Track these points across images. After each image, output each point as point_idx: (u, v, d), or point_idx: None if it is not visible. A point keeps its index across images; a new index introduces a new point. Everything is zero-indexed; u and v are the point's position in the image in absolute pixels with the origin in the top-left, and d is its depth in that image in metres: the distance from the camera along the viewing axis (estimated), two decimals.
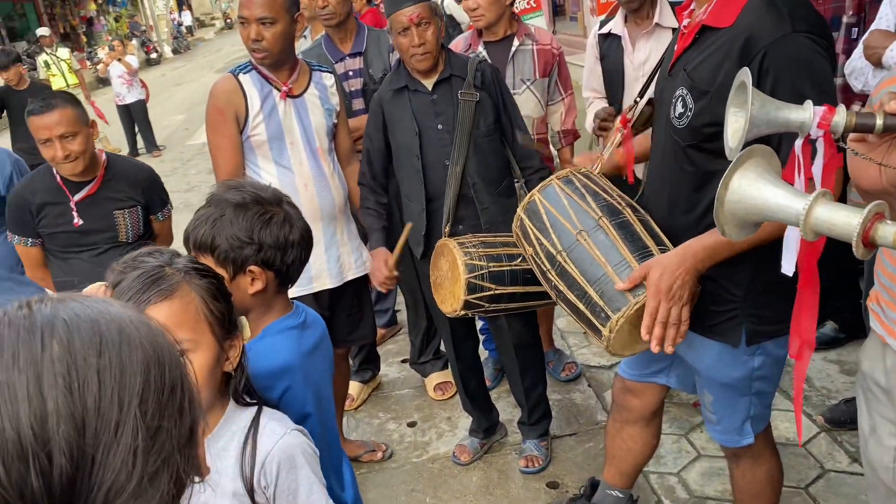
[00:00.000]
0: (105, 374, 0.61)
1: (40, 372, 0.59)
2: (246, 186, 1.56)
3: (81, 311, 0.65)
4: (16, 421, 0.57)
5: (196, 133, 11.69)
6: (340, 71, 2.92)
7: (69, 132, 2.41)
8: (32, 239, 2.60)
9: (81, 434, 0.58)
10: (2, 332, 0.61)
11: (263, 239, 1.47)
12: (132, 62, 10.15)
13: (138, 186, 2.63)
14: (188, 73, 21.57)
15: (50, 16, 24.38)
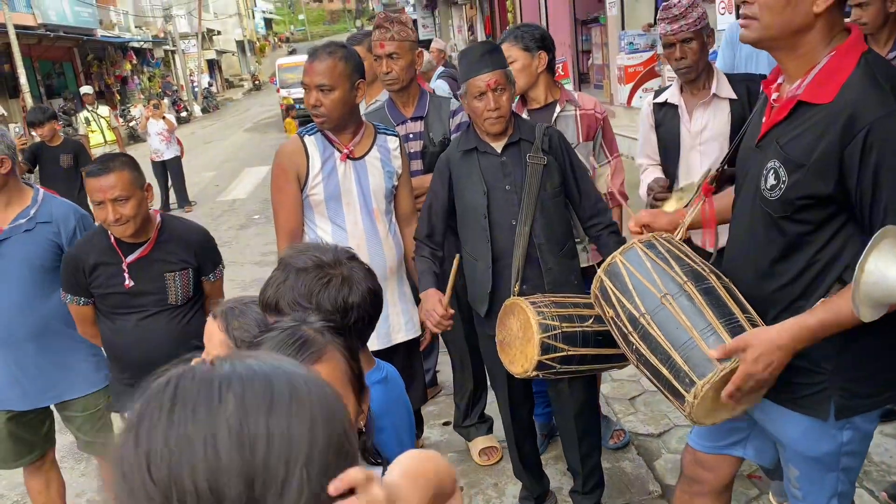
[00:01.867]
0: (274, 431, 0.62)
1: (216, 426, 0.61)
2: (310, 250, 1.60)
3: (257, 368, 0.67)
4: (193, 474, 0.59)
5: (226, 190, 11.92)
6: (401, 133, 2.99)
7: (123, 196, 2.38)
8: (85, 298, 2.56)
9: (251, 489, 0.60)
10: (187, 385, 0.64)
11: (322, 302, 1.48)
12: (172, 121, 10.42)
13: (191, 249, 2.60)
14: (217, 131, 22.10)
15: (87, 74, 25.21)
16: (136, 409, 0.63)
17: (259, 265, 7.29)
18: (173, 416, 0.61)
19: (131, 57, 28.39)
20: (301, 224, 2.60)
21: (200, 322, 2.68)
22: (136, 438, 0.61)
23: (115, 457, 0.62)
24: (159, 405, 0.62)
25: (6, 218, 2.71)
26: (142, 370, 2.50)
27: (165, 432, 0.60)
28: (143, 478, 0.59)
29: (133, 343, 2.53)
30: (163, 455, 0.59)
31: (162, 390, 0.63)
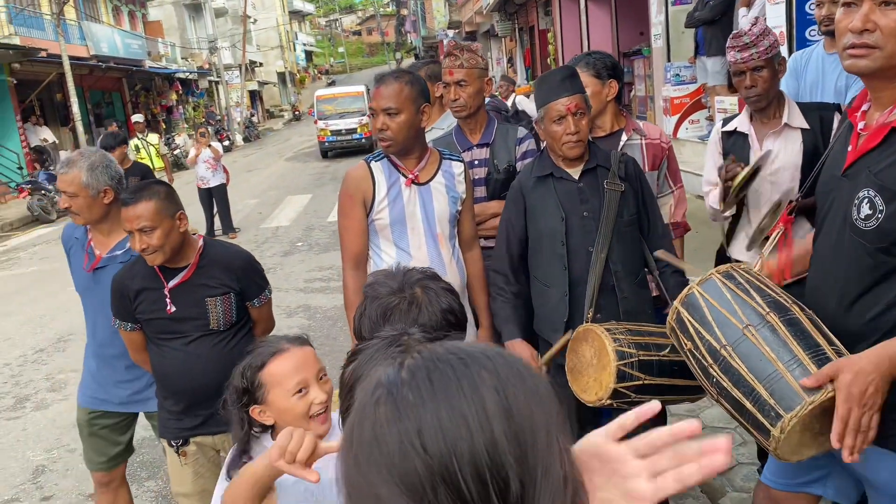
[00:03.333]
0: (530, 399, 0.65)
1: (482, 398, 0.63)
2: (382, 276, 1.62)
3: (489, 349, 0.70)
4: (471, 446, 0.61)
5: (269, 217, 12.09)
6: (466, 159, 3.01)
7: (148, 226, 2.35)
8: (132, 324, 2.56)
9: (525, 456, 0.62)
10: (441, 367, 0.66)
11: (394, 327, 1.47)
12: (219, 149, 10.64)
13: (233, 273, 2.53)
14: (259, 160, 22.49)
15: (135, 104, 25.97)
16: (380, 394, 0.65)
17: (304, 291, 7.36)
18: (439, 395, 0.63)
19: (177, 87, 29.19)
20: (366, 248, 2.62)
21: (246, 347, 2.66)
22: (400, 419, 0.62)
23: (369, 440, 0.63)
24: (417, 386, 0.64)
25: (107, 245, 2.79)
26: (187, 395, 2.52)
27: (435, 410, 0.62)
28: (416, 454, 0.61)
29: (178, 368, 2.50)
30: (437, 431, 0.61)
31: (414, 372, 0.65)
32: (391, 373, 0.67)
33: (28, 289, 8.80)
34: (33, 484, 4.01)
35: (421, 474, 0.61)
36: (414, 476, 0.61)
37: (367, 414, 0.65)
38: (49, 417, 4.91)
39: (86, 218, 2.77)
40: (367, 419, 0.65)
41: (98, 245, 2.80)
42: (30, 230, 13.69)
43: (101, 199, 2.72)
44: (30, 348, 6.44)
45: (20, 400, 5.28)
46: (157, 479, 3.87)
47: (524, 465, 0.62)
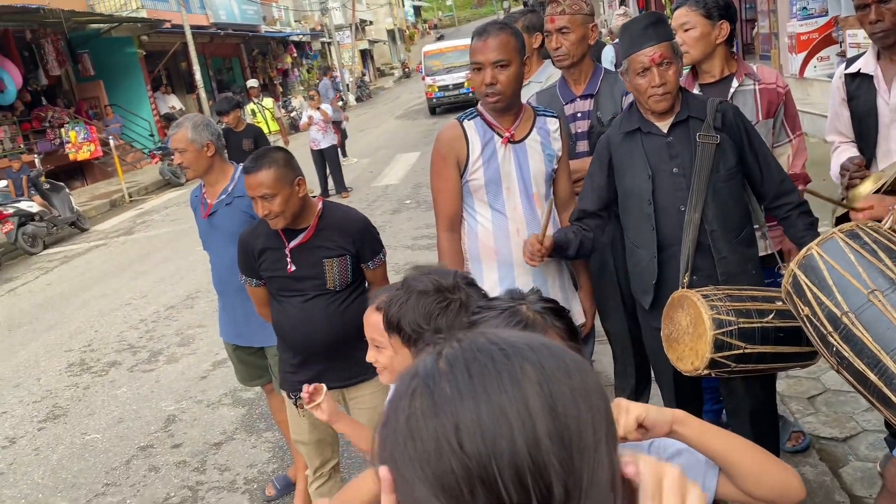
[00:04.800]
0: (577, 395, 0.60)
1: (525, 393, 0.58)
2: (431, 273, 1.60)
3: (533, 339, 0.65)
4: (512, 445, 0.56)
5: (379, 176, 12.30)
6: (569, 112, 2.87)
7: (269, 193, 2.46)
8: (256, 280, 2.73)
9: (570, 459, 0.57)
10: (481, 359, 0.61)
11: (440, 325, 1.48)
12: (328, 110, 10.88)
13: (350, 236, 2.63)
14: (370, 119, 22.85)
15: (252, 69, 26.94)
16: (417, 385, 0.61)
17: (411, 249, 7.45)
18: (478, 389, 0.58)
19: (291, 50, 30.00)
20: (460, 210, 2.56)
21: (361, 308, 2.76)
22: (437, 413, 0.58)
23: (405, 434, 0.59)
24: (455, 378, 0.59)
25: (215, 194, 3.13)
26: (303, 350, 2.66)
27: (474, 405, 0.58)
28: (453, 452, 0.57)
29: (296, 324, 2.65)
30: (475, 428, 0.57)
31: (452, 363, 0.61)
32: (428, 362, 0.62)
33: (161, 249, 9.43)
34: (165, 432, 4.33)
35: (457, 474, 0.56)
36: (450, 476, 0.56)
37: (402, 406, 0.61)
38: (179, 370, 5.27)
39: (195, 170, 3.11)
40: (401, 411, 0.61)
41: (209, 195, 3.16)
42: (162, 194, 14.63)
43: (205, 152, 3.07)
44: (162, 305, 6.92)
45: (154, 354, 5.69)
46: (274, 431, 4.07)
47: (569, 469, 0.56)
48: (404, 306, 1.52)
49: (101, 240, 10.92)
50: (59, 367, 5.72)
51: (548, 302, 1.19)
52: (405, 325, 1.50)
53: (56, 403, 5.02)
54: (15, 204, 10.56)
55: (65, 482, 3.93)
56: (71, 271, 9.18)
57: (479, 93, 2.45)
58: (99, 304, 7.35)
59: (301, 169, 2.66)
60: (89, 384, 5.27)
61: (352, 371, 2.67)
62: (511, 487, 0.55)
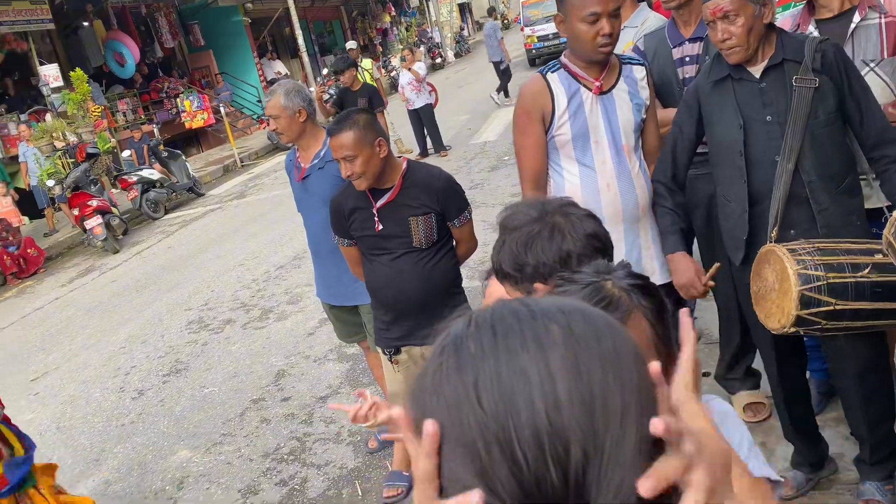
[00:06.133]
0: (606, 360, 0.58)
1: (547, 354, 0.57)
2: (518, 207, 1.54)
3: (569, 303, 0.64)
4: (530, 405, 0.55)
5: (478, 133, 12.23)
6: (676, 56, 2.74)
7: (350, 155, 2.55)
8: (348, 240, 2.83)
9: (591, 423, 0.55)
10: (507, 319, 0.60)
11: (538, 256, 1.41)
12: (420, 70, 10.87)
13: (434, 195, 2.67)
14: (469, 75, 22.66)
15: (352, 30, 27.24)
16: (447, 343, 0.62)
17: None
18: (500, 347, 0.58)
19: (390, 9, 30.04)
20: (545, 167, 2.51)
21: (449, 266, 2.80)
22: (460, 369, 0.58)
23: (430, 389, 0.60)
24: (480, 337, 0.60)
25: (308, 158, 3.22)
26: (393, 308, 2.75)
27: (495, 363, 0.57)
28: (471, 407, 0.57)
29: (386, 282, 2.74)
30: (493, 385, 0.56)
31: (479, 323, 0.61)
32: (460, 324, 0.62)
33: (270, 211, 9.84)
34: (275, 386, 4.58)
35: (475, 431, 0.55)
36: (468, 432, 0.56)
37: (432, 363, 0.62)
38: (287, 327, 5.54)
39: (288, 136, 3.21)
40: (430, 367, 0.61)
41: (302, 159, 3.26)
42: (270, 157, 15.19)
43: (298, 118, 3.15)
44: (272, 265, 7.25)
45: (265, 311, 5.99)
46: (375, 385, 4.21)
47: (589, 434, 0.54)
48: (502, 249, 1.48)
49: (217, 204, 11.51)
50: (180, 324, 6.14)
51: (637, 278, 1.11)
52: (507, 267, 1.46)
53: (178, 359, 5.40)
54: (138, 172, 11.28)
55: (187, 431, 4.24)
56: (189, 234, 9.76)
57: (592, 44, 2.33)
58: (215, 266, 7.79)
59: (383, 130, 2.72)
60: (207, 341, 5.63)
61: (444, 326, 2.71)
62: (527, 448, 0.54)
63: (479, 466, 0.55)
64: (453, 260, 2.81)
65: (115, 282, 8.19)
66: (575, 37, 2.36)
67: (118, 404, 4.83)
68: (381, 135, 2.66)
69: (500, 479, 0.54)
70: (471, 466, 0.56)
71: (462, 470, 0.57)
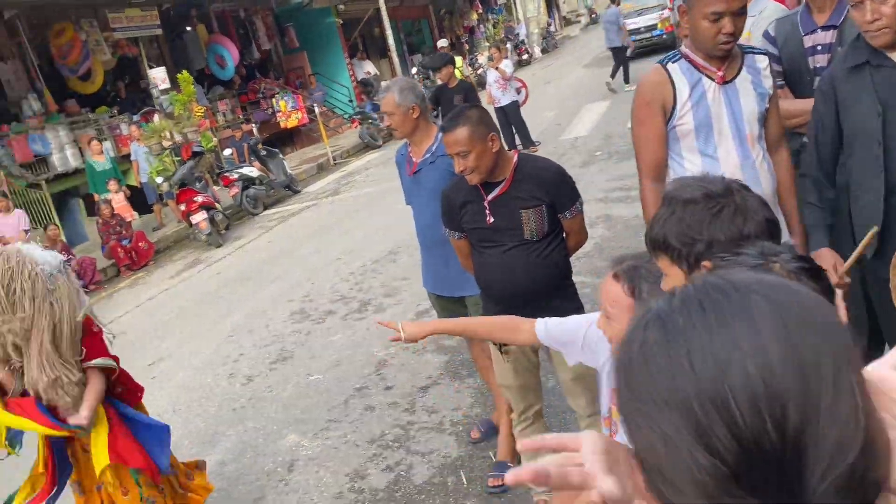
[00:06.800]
0: (813, 327, 0.60)
1: (757, 324, 0.60)
2: (697, 181, 1.49)
3: (766, 277, 0.66)
4: (744, 372, 0.58)
5: (567, 128, 12.11)
6: (808, 44, 2.65)
7: (464, 150, 2.59)
8: (458, 233, 2.88)
9: (806, 387, 0.58)
10: (713, 294, 0.63)
11: (714, 234, 1.37)
12: (506, 68, 10.84)
13: (544, 186, 2.68)
14: (556, 70, 22.46)
15: (440, 29, 27.47)
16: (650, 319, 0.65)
17: (604, 202, 7.32)
18: (710, 320, 0.61)
19: (477, 7, 30.12)
20: (665, 158, 2.48)
21: (559, 257, 2.81)
22: (669, 343, 0.61)
23: (637, 361, 0.64)
24: (688, 312, 0.63)
25: (420, 153, 3.31)
26: (504, 299, 2.76)
27: (707, 335, 0.60)
28: (685, 375, 0.60)
29: (496, 274, 2.76)
30: (706, 355, 0.59)
31: (685, 299, 0.64)
32: (662, 301, 0.65)
33: (364, 207, 10.07)
34: (377, 375, 4.70)
35: (691, 396, 0.58)
36: (684, 398, 0.59)
37: (636, 337, 0.64)
38: (385, 319, 5.64)
39: (401, 132, 3.30)
40: (635, 342, 0.64)
41: (414, 154, 3.35)
42: (362, 156, 15.53)
43: (411, 114, 3.24)
44: (368, 259, 7.42)
45: (363, 304, 6.15)
46: (476, 377, 4.26)
47: (805, 396, 0.57)
48: (669, 220, 1.43)
49: (312, 200, 11.87)
50: (284, 315, 6.38)
51: (804, 261, 1.09)
52: (673, 240, 1.40)
53: (283, 347, 5.62)
54: (239, 170, 11.77)
55: (294, 417, 4.41)
56: (288, 229, 10.11)
57: (713, 41, 2.29)
58: (313, 259, 8.04)
59: (496, 125, 2.76)
60: (310, 330, 5.83)
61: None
62: (745, 412, 0.57)
63: (696, 427, 0.58)
64: (563, 252, 2.81)
65: (219, 274, 8.58)
66: (696, 31, 2.32)
67: (229, 389, 5.07)
68: (494, 130, 2.70)
69: (718, 438, 0.57)
70: (687, 427, 0.59)
71: (676, 431, 0.59)
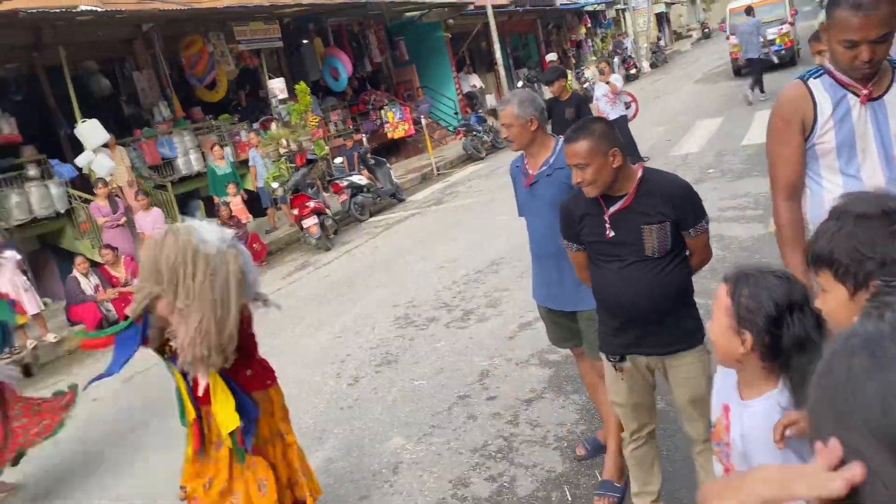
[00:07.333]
0: None
1: None
2: (873, 196, 1.42)
3: None
4: None
5: (678, 144, 11.80)
6: None
7: (582, 163, 2.58)
8: (576, 245, 2.85)
9: None
10: None
11: (889, 253, 1.30)
12: (617, 83, 10.69)
13: (670, 202, 2.60)
14: (666, 85, 21.95)
15: (547, 43, 27.41)
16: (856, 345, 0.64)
17: (716, 221, 7.06)
18: None
19: (586, 21, 29.88)
20: (802, 177, 2.39)
21: (680, 276, 2.74)
22: (883, 369, 0.61)
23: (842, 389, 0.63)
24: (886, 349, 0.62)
25: (536, 165, 3.30)
26: (621, 315, 2.72)
27: None
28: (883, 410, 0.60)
29: (613, 289, 2.71)
30: None
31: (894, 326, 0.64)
32: (869, 324, 0.64)
33: (466, 218, 10.17)
34: (480, 384, 4.73)
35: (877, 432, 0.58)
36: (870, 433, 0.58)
37: (840, 364, 0.63)
38: (488, 329, 5.69)
39: (519, 143, 3.30)
40: (840, 368, 0.63)
41: (530, 166, 3.33)
42: (465, 167, 15.69)
43: (529, 127, 3.23)
44: (471, 269, 7.49)
45: (466, 313, 6.21)
46: (582, 394, 4.22)
47: None
48: (837, 235, 1.37)
49: (416, 209, 12.09)
50: (389, 319, 6.53)
51: None
52: (840, 255, 1.35)
53: (388, 351, 5.75)
54: (348, 177, 12.15)
55: (399, 420, 4.50)
56: (393, 237, 10.34)
57: (849, 65, 2.20)
58: (417, 267, 8.19)
59: (620, 139, 2.70)
60: (414, 336, 5.94)
61: (672, 339, 2.66)
62: None
63: None
64: (686, 270, 2.74)
65: (327, 277, 8.88)
66: (833, 53, 2.25)
67: (336, 389, 5.24)
68: (617, 144, 2.65)
69: None
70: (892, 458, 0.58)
71: (883, 466, 0.59)
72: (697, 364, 2.68)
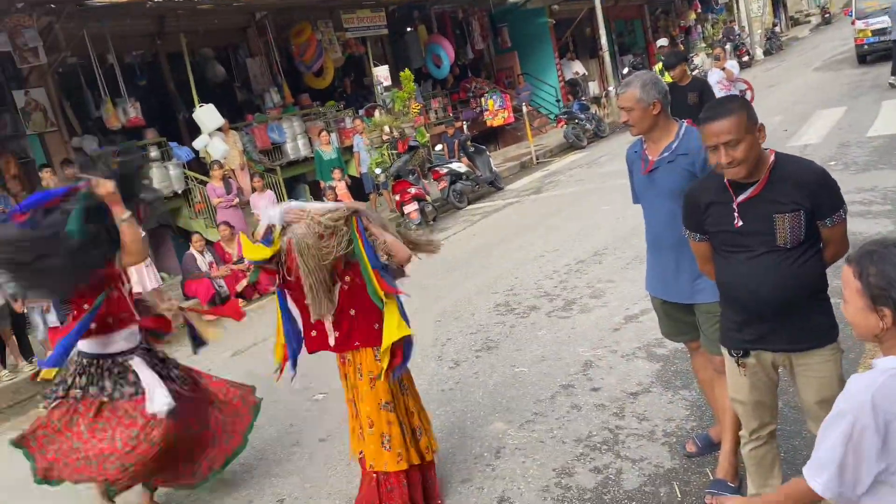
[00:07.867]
0: None
1: None
2: None
3: None
4: None
5: (796, 135, 11.17)
6: None
7: (733, 140, 2.41)
8: (700, 234, 2.72)
9: None
10: None
11: None
12: (733, 69, 10.21)
13: (804, 189, 2.45)
14: (781, 73, 20.83)
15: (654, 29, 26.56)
16: None
17: None
18: None
19: (696, 6, 28.75)
20: None
21: (814, 269, 2.57)
22: None
23: None
24: None
25: (657, 151, 3.17)
26: (747, 309, 2.58)
27: None
28: None
29: (741, 281, 2.57)
30: None
31: None
32: None
33: (568, 207, 10.02)
34: (584, 375, 4.65)
35: None
36: None
37: None
38: (592, 320, 5.58)
39: (639, 128, 3.16)
40: None
41: (650, 152, 3.20)
42: (565, 156, 15.45)
43: (651, 110, 3.10)
44: (572, 259, 7.37)
45: (568, 302, 6.12)
46: (692, 389, 4.07)
47: None
48: None
49: (515, 198, 12.02)
50: (488, 305, 6.52)
51: None
52: None
53: (488, 336, 5.74)
54: (448, 165, 12.22)
55: (500, 405, 4.49)
56: (491, 225, 10.32)
57: None
58: (516, 255, 8.14)
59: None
60: (514, 323, 5.91)
61: (803, 335, 2.52)
62: None
63: None
64: (820, 263, 2.57)
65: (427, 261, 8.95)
66: None
67: (437, 371, 5.29)
68: (759, 121, 2.52)
69: None
70: None
71: None
72: (830, 363, 2.52)
